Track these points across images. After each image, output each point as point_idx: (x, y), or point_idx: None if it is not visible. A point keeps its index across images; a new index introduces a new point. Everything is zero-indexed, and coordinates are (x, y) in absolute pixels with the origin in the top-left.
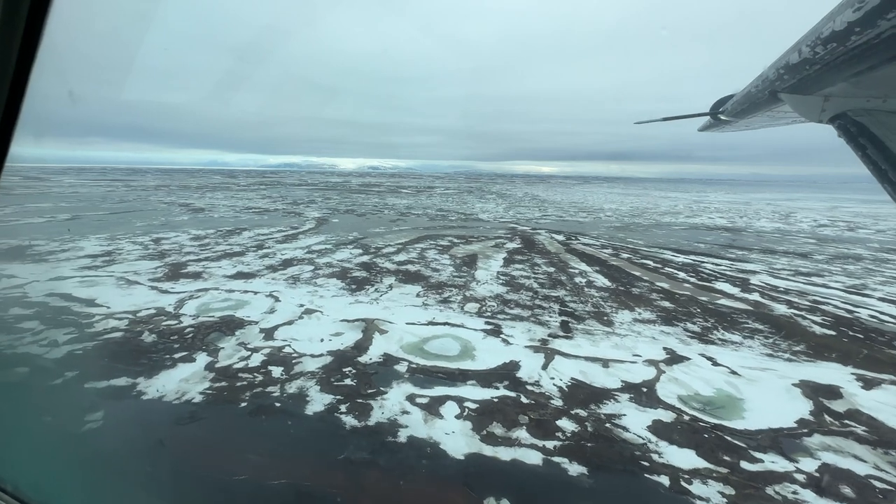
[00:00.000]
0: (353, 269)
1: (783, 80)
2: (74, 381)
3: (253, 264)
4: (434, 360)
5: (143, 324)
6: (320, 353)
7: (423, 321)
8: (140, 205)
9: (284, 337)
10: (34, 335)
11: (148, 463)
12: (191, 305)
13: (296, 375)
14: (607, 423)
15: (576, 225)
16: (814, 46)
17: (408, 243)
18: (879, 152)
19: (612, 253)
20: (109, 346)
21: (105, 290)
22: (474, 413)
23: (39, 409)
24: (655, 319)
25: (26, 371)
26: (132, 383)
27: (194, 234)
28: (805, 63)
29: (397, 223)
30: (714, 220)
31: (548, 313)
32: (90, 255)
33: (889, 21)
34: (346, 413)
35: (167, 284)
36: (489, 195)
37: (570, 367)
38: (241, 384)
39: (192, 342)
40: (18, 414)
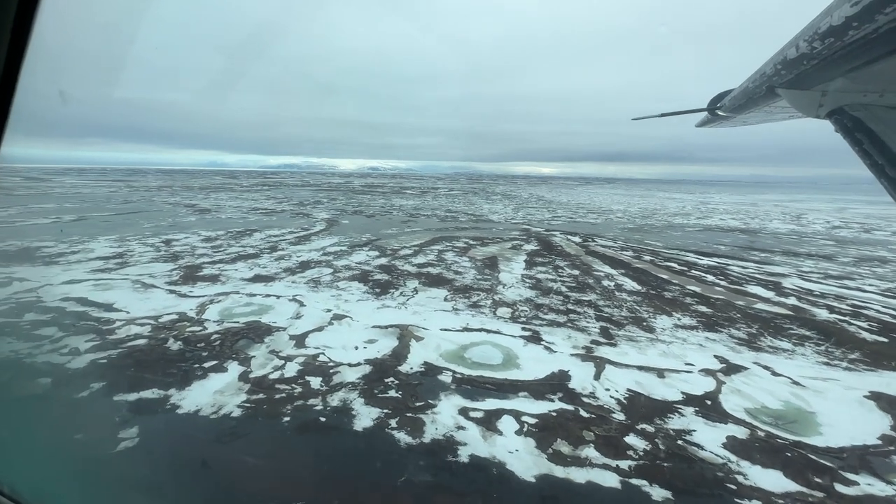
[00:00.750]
0: (372, 271)
1: (781, 76)
2: (102, 394)
3: (270, 267)
4: (478, 370)
5: (167, 330)
6: (358, 362)
7: (457, 327)
8: (145, 206)
9: (317, 344)
10: (53, 343)
11: (193, 487)
12: (213, 310)
13: (336, 386)
14: (679, 439)
15: (588, 226)
16: (811, 41)
17: (423, 245)
18: (876, 147)
19: (633, 255)
20: (135, 355)
21: (122, 293)
22: (535, 429)
23: (68, 426)
24: (697, 325)
25: (49, 382)
26: (164, 395)
27: (205, 236)
28: (803, 58)
29: (408, 224)
30: (726, 221)
31: (584, 319)
32: (101, 258)
33: (887, 16)
34: (397, 429)
35: (185, 288)
36: (494, 196)
37: (624, 378)
38: (280, 396)
39: (221, 350)
40: (46, 430)
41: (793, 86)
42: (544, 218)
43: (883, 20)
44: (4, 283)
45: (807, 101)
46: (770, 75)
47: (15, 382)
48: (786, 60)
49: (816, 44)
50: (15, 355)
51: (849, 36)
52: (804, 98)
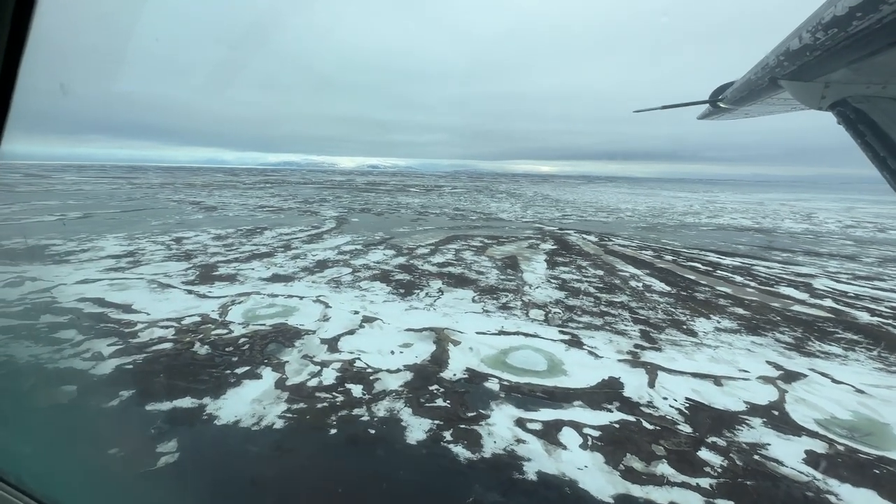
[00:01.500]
0: (393, 271)
1: (783, 67)
2: (133, 403)
3: (286, 266)
4: (525, 377)
5: (192, 333)
6: (397, 368)
7: (492, 330)
8: (150, 203)
9: (350, 348)
10: (74, 347)
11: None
12: (236, 312)
13: (379, 395)
14: (754, 454)
15: (600, 225)
16: (814, 32)
17: (439, 244)
18: (878, 139)
19: (653, 255)
20: (162, 360)
21: (139, 294)
22: (600, 442)
23: (101, 439)
24: (738, 329)
25: (74, 390)
26: (199, 404)
27: (215, 234)
28: (805, 49)
29: (419, 223)
30: (738, 220)
31: (621, 321)
32: (113, 256)
33: (891, 6)
34: (453, 442)
35: (203, 288)
36: (500, 194)
37: (680, 385)
38: (322, 406)
39: (251, 355)
40: (77, 444)
41: (795, 77)
42: (554, 216)
43: (887, 10)
44: (16, 283)
45: (809, 93)
46: (772, 66)
47: (38, 391)
48: (788, 51)
49: (820, 34)
50: (35, 360)
51: (852, 26)
52: (807, 90)
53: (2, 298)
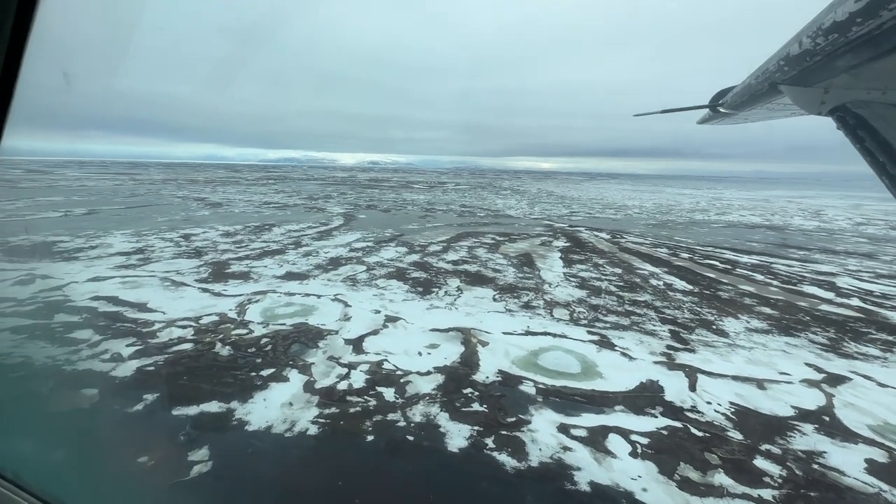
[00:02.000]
0: (408, 269)
1: (784, 72)
2: (158, 407)
3: (299, 263)
4: (559, 379)
5: (211, 333)
6: (427, 371)
7: (518, 330)
8: (154, 199)
9: (376, 349)
10: (92, 347)
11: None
12: (254, 311)
13: (413, 399)
14: (812, 463)
15: (610, 222)
16: (815, 37)
17: (450, 241)
18: (878, 145)
19: (669, 252)
20: (183, 362)
21: (153, 292)
22: (650, 450)
23: (129, 446)
24: (769, 329)
25: (96, 394)
26: (227, 409)
27: (223, 230)
28: (806, 54)
29: (427, 220)
30: (747, 217)
31: (648, 321)
32: (122, 253)
33: (891, 11)
34: (496, 450)
35: (217, 286)
36: (504, 191)
37: (722, 389)
38: (355, 410)
39: (275, 356)
40: (104, 452)
41: (795, 82)
42: (562, 213)
43: (887, 16)
44: (27, 281)
45: (809, 98)
46: (773, 72)
47: (58, 394)
48: (789, 57)
49: (820, 40)
50: (52, 362)
51: (852, 32)
52: (806, 95)
53: (13, 297)
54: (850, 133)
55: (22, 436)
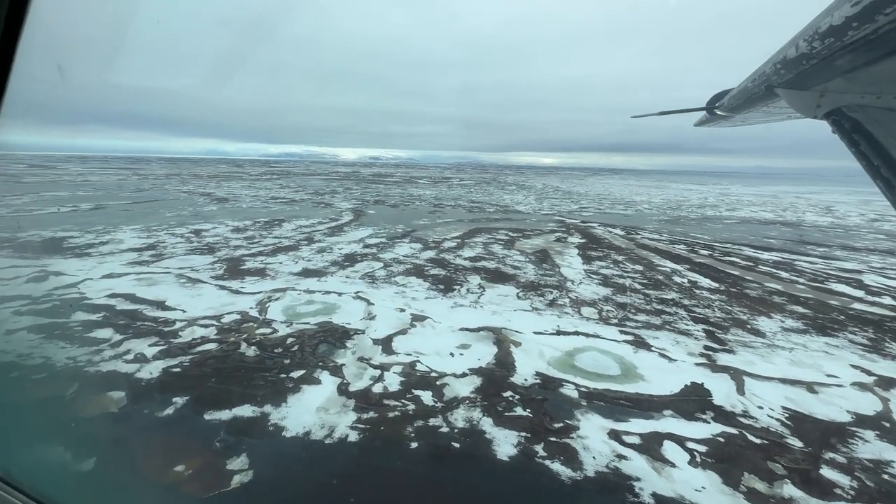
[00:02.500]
0: (425, 265)
1: (780, 75)
2: (190, 411)
3: (315, 260)
4: (600, 382)
5: (235, 332)
6: (463, 373)
7: (549, 330)
8: (159, 194)
9: (406, 350)
10: (114, 347)
11: None
12: (275, 309)
13: (452, 403)
14: (882, 473)
15: (622, 218)
16: (811, 41)
17: (464, 237)
18: (872, 149)
19: (688, 249)
20: (209, 363)
21: (170, 289)
22: (709, 458)
23: (162, 454)
24: (806, 328)
25: (123, 397)
26: (261, 413)
27: (233, 226)
28: (802, 58)
29: (437, 215)
30: (758, 213)
31: (680, 320)
32: (134, 249)
33: (887, 16)
34: (548, 458)
35: (234, 283)
36: (509, 186)
37: (772, 393)
38: (394, 415)
39: (303, 357)
40: (138, 461)
41: (791, 86)
42: (572, 209)
43: (883, 21)
44: (40, 278)
45: (805, 102)
46: (769, 75)
47: (83, 398)
48: (785, 60)
49: (816, 44)
50: (74, 363)
51: (848, 36)
52: (802, 98)
53: (28, 294)
54: (845, 137)
55: (47, 442)
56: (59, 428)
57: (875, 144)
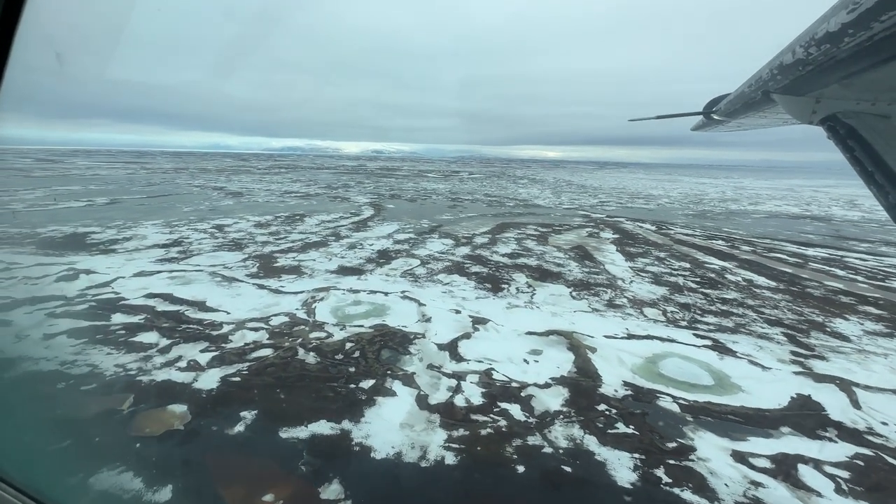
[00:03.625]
0: (463, 262)
1: (776, 81)
2: (262, 428)
3: (348, 257)
4: (696, 393)
5: (288, 336)
6: (545, 383)
7: (619, 333)
8: (172, 188)
9: (476, 356)
10: (163, 354)
11: None
12: (323, 310)
13: (546, 418)
14: None
15: (645, 212)
16: (807, 47)
17: (493, 232)
18: (867, 154)
19: (728, 245)
20: (270, 371)
21: (206, 288)
22: (857, 486)
23: (245, 479)
24: (890, 331)
25: (186, 412)
26: (340, 430)
27: (255, 221)
28: (798, 64)
29: (457, 210)
30: (783, 207)
31: (752, 323)
32: (159, 245)
33: (882, 23)
34: (675, 485)
35: (271, 281)
36: (521, 180)
37: (891, 406)
38: (487, 432)
39: (368, 364)
40: (218, 487)
41: (788, 91)
42: (592, 203)
43: (878, 28)
44: (71, 277)
45: (801, 107)
46: (766, 80)
47: (143, 413)
48: (782, 66)
49: (812, 50)
50: (124, 372)
51: (844, 43)
52: (798, 104)
53: (61, 295)
54: (840, 143)
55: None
56: (124, 449)
57: (869, 150)
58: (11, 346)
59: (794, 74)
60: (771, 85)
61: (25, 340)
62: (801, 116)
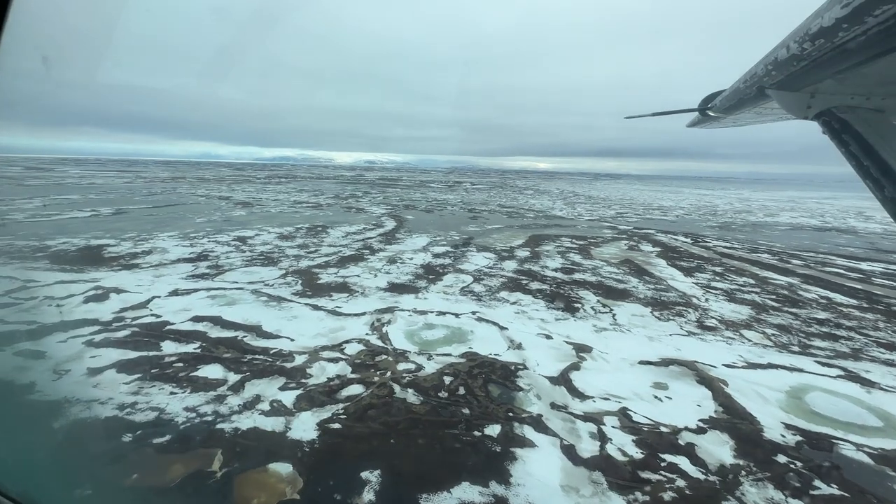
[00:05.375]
0: (519, 278)
1: (771, 76)
2: (396, 495)
3: (394, 273)
4: (874, 437)
5: (373, 369)
6: (697, 426)
7: (738, 363)
8: (176, 198)
9: (597, 391)
10: (237, 392)
11: None
12: (396, 335)
13: (726, 475)
14: None
15: (670, 224)
16: (802, 42)
17: (529, 245)
18: (862, 149)
19: (775, 258)
20: (372, 415)
21: (256, 310)
22: None
23: None
24: None
25: (291, 473)
26: (493, 498)
27: (276, 232)
28: (793, 59)
29: (479, 221)
30: (799, 219)
31: (867, 347)
32: (184, 259)
33: (875, 18)
34: None
35: (323, 301)
36: (526, 191)
37: None
38: (670, 497)
39: (481, 403)
40: None
41: (782, 87)
42: (611, 214)
43: (872, 22)
44: (100, 297)
45: (796, 103)
46: (761, 76)
47: (240, 477)
48: (776, 61)
49: (807, 45)
50: (199, 419)
51: (838, 38)
52: (793, 99)
53: (95, 318)
54: (835, 137)
55: None
56: None
57: (864, 145)
58: (53, 385)
59: (788, 70)
60: (766, 80)
61: (67, 378)
62: (796, 112)
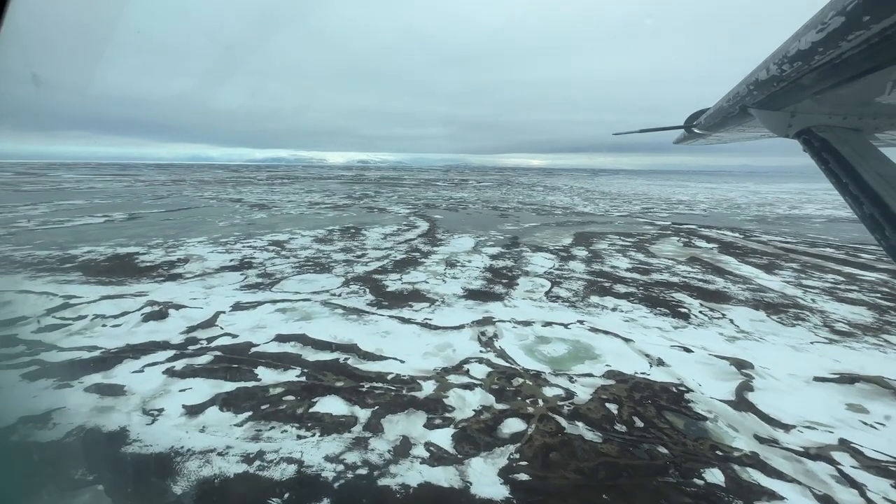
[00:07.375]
0: (598, 280)
1: (753, 96)
2: None
3: (461, 278)
4: None
5: (522, 398)
6: None
7: None
8: (185, 201)
9: (793, 419)
10: (377, 434)
11: None
12: (515, 352)
13: None
14: None
15: (705, 219)
16: (781, 64)
17: (580, 244)
18: (840, 167)
19: (843, 253)
20: (556, 459)
21: (338, 325)
22: None
23: None
24: None
25: None
26: None
27: (310, 235)
28: (773, 80)
29: (511, 220)
30: (826, 211)
31: None
32: (227, 268)
33: (849, 42)
34: None
35: (404, 312)
36: (536, 188)
37: None
38: None
39: (675, 440)
40: None
41: (764, 106)
42: (638, 209)
43: (846, 46)
44: (158, 314)
45: (777, 122)
46: (743, 95)
47: None
48: (758, 82)
49: (786, 66)
50: (352, 474)
51: (815, 60)
52: (774, 118)
53: (164, 340)
54: (815, 155)
55: None
56: None
57: (843, 163)
58: (150, 432)
59: (769, 90)
60: (748, 100)
61: (164, 421)
62: (777, 130)
